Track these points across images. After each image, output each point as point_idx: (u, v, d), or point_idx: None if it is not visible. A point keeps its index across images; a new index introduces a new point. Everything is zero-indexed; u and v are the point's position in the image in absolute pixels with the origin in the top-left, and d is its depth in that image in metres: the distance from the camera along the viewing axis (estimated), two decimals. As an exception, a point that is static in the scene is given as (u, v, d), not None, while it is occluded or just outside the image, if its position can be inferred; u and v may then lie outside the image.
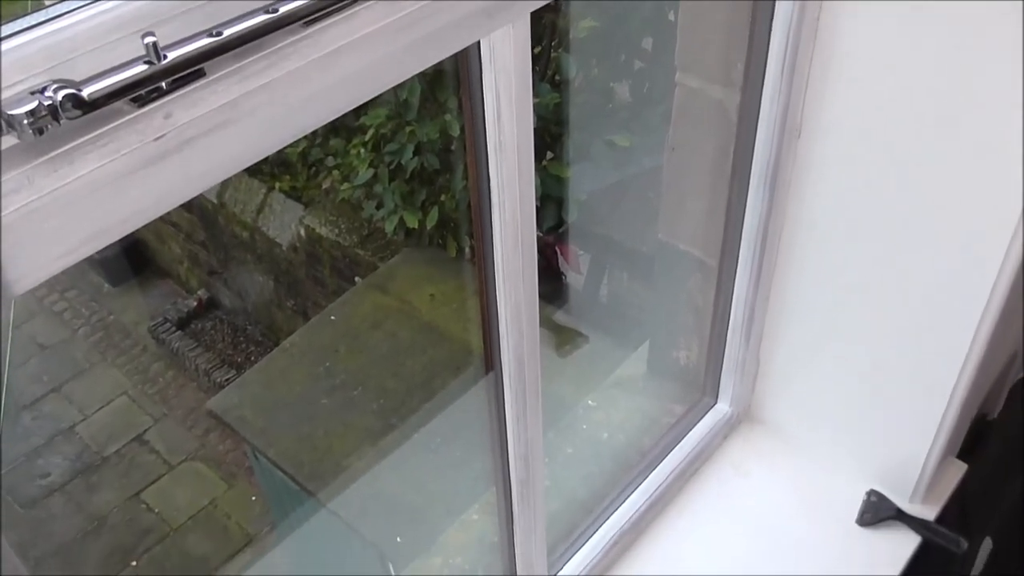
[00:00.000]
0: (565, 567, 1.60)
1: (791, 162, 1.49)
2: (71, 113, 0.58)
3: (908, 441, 1.69)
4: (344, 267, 4.43)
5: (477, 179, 1.05)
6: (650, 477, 1.75)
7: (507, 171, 1.02)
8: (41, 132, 0.58)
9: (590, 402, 1.97)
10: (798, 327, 1.70)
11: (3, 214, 0.59)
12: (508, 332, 1.14)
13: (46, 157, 0.61)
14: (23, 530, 4.63)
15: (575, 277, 3.68)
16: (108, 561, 4.53)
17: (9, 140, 0.59)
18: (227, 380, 5.04)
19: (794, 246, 1.59)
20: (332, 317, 4.04)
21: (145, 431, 5.16)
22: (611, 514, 1.69)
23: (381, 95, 3.66)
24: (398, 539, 2.99)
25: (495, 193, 1.04)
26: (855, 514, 1.74)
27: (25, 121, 0.57)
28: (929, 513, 1.75)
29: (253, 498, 4.71)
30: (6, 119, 0.57)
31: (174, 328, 5.51)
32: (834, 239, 1.54)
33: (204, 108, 0.66)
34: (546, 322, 3.38)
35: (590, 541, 1.64)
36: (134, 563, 4.53)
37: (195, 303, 5.59)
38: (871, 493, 1.75)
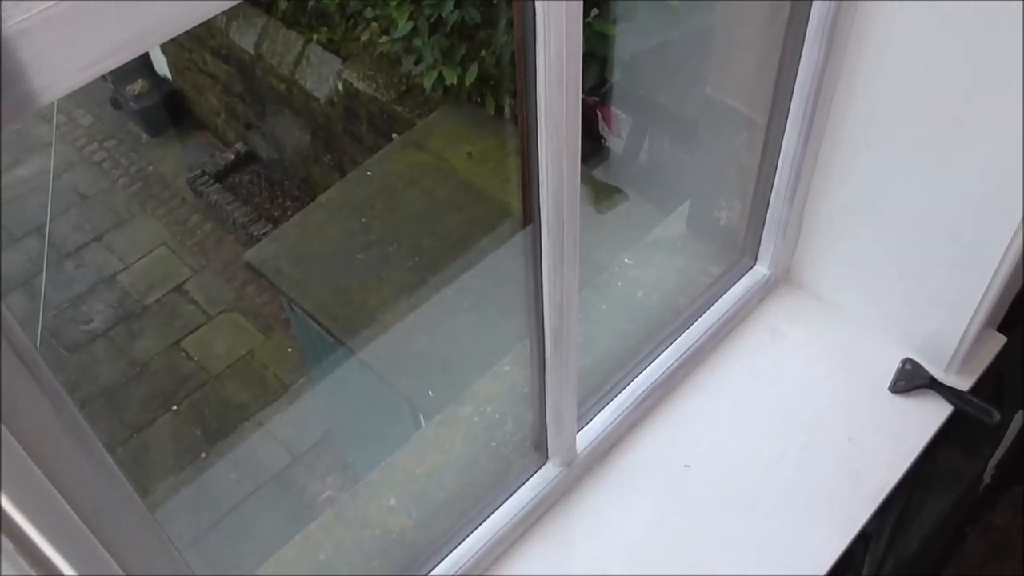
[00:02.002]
0: (595, 418, 1.62)
1: (852, 15, 1.41)
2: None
3: (948, 311, 1.66)
4: (381, 123, 4.38)
5: (522, 15, 1.01)
6: (683, 335, 1.74)
7: (554, 7, 0.97)
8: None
9: (627, 260, 1.95)
10: (844, 189, 1.65)
11: (26, 16, 0.57)
12: (548, 177, 1.11)
13: (70, -45, 0.58)
14: (69, 372, 4.80)
15: (615, 141, 3.61)
16: (149, 404, 4.70)
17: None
18: (264, 233, 5.09)
19: (848, 106, 1.53)
20: (368, 173, 4.02)
21: (184, 281, 5.25)
22: (643, 370, 1.69)
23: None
24: (429, 392, 3.05)
25: (540, 30, 1.00)
26: (888, 381, 1.73)
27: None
28: (964, 384, 1.73)
29: (289, 349, 4.82)
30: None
31: (212, 181, 5.53)
32: (890, 99, 1.48)
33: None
34: (586, 179, 3.34)
35: (621, 394, 1.65)
36: (175, 407, 4.69)
37: (232, 156, 5.59)
38: (906, 361, 1.74)
